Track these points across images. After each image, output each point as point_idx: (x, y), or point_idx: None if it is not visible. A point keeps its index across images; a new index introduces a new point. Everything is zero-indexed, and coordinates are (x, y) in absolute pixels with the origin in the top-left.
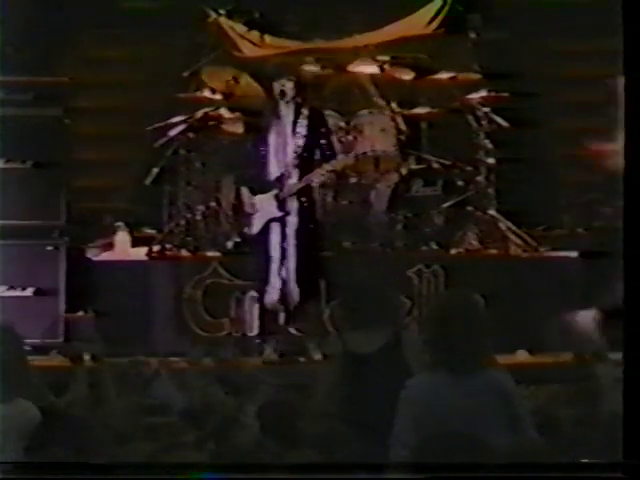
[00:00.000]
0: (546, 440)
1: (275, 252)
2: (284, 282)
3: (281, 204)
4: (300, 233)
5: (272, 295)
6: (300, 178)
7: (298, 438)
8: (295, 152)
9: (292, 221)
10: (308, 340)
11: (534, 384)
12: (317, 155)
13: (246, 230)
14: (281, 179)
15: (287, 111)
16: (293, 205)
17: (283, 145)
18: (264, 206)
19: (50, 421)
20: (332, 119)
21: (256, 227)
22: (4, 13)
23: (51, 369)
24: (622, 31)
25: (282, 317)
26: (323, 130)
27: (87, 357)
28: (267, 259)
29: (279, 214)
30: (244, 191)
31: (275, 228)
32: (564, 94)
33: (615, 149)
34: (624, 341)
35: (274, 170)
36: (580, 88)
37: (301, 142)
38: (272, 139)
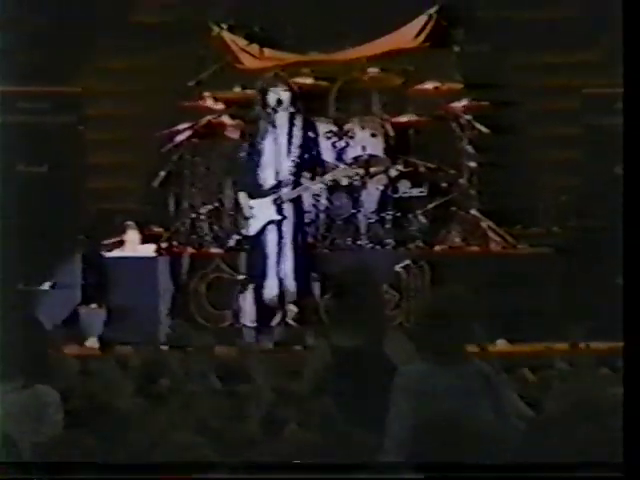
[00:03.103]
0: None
1: (272, 251)
2: (281, 278)
3: (279, 208)
4: (296, 233)
5: (270, 290)
6: (295, 184)
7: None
8: (292, 160)
9: (288, 223)
10: (303, 330)
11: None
12: (310, 163)
13: (244, 232)
14: (278, 185)
15: (282, 121)
16: (289, 208)
17: (280, 153)
18: (262, 210)
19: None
20: (326, 125)
21: (254, 229)
22: (23, 28)
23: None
24: (621, 37)
25: (279, 310)
26: (315, 140)
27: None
28: (265, 257)
29: (278, 217)
30: (242, 196)
31: (272, 229)
32: (541, 103)
33: (587, 154)
34: (624, 341)
35: (271, 176)
36: (555, 97)
37: (297, 151)
38: (268, 147)
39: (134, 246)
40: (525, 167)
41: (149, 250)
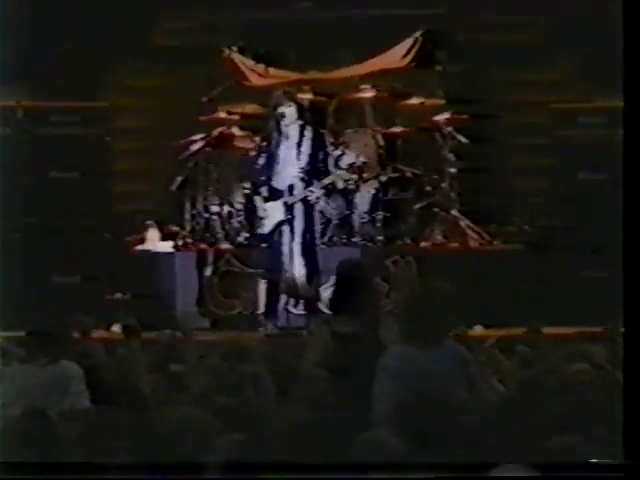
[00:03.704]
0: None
1: (283, 247)
2: (290, 272)
3: (288, 209)
4: (304, 232)
5: (280, 282)
6: (305, 188)
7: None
8: (301, 168)
9: (298, 222)
10: (306, 318)
11: None
12: (317, 169)
13: (259, 231)
14: (288, 189)
15: (293, 133)
16: (299, 210)
17: (290, 161)
18: (274, 211)
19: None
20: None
21: (267, 228)
22: (58, 52)
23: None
24: (622, 50)
25: (284, 299)
26: (322, 149)
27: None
28: (276, 253)
29: (286, 217)
30: (257, 199)
31: (284, 228)
32: (513, 116)
33: (554, 161)
34: (624, 342)
35: (282, 182)
36: (526, 111)
37: (305, 159)
38: (281, 156)
39: (154, 243)
40: (500, 173)
41: (167, 246)
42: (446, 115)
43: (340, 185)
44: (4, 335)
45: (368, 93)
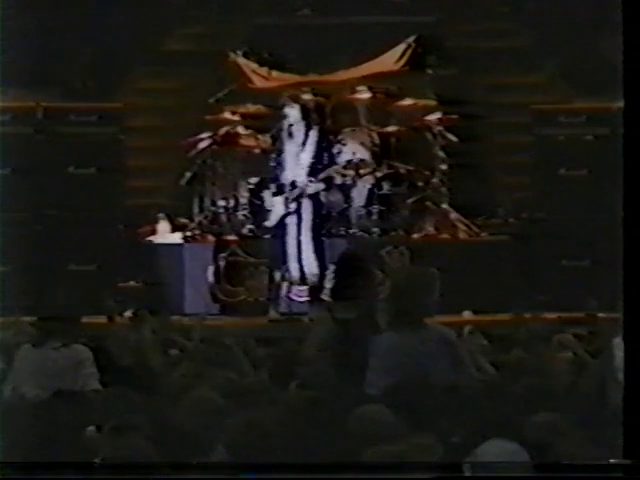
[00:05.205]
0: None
1: (289, 238)
2: (294, 261)
3: (291, 203)
4: (310, 224)
5: (291, 272)
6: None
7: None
8: (305, 164)
9: (306, 216)
10: (308, 305)
11: None
12: (320, 166)
13: (266, 223)
14: (293, 185)
15: (298, 132)
16: (306, 204)
17: (295, 159)
18: (279, 205)
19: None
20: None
21: (273, 221)
22: (75, 57)
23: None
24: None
25: (287, 287)
26: (325, 147)
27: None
28: (281, 244)
29: (289, 210)
30: (266, 194)
31: (291, 221)
32: (499, 116)
33: (536, 159)
34: (625, 342)
35: (288, 178)
36: (510, 112)
37: (309, 157)
38: (286, 154)
39: (165, 234)
40: (486, 169)
41: (177, 238)
42: (437, 115)
43: (337, 180)
44: (24, 319)
45: (364, 94)
